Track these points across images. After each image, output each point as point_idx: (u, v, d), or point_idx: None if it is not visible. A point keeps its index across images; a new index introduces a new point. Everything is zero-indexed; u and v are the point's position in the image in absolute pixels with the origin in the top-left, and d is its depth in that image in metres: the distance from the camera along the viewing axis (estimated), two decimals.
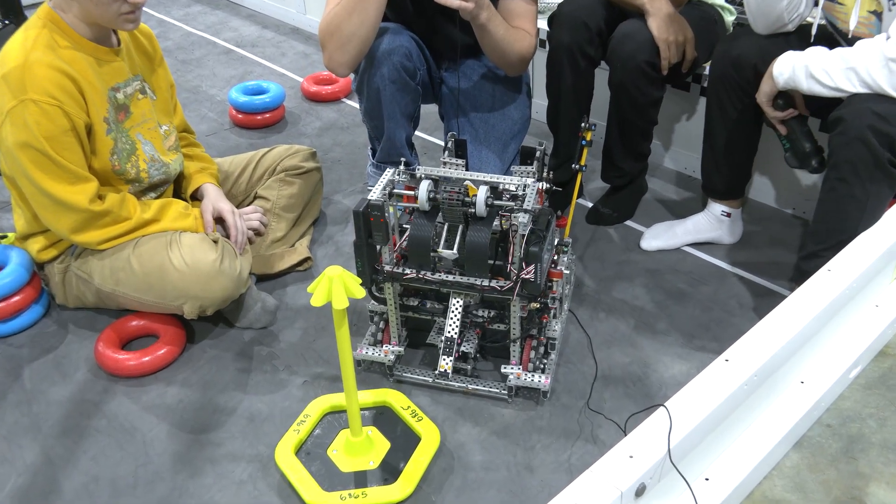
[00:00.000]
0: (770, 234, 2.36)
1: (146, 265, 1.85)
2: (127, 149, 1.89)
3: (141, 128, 1.93)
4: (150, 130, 1.96)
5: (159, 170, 1.97)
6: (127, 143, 1.89)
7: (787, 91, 1.85)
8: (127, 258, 1.86)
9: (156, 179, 1.97)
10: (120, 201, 1.86)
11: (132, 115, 1.90)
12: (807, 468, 1.52)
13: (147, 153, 1.93)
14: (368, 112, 2.21)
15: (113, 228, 1.86)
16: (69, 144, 1.75)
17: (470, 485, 1.60)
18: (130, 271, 1.86)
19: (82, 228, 1.83)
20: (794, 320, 1.47)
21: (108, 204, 1.83)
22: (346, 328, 1.42)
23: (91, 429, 1.75)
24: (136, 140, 1.91)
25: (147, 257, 1.85)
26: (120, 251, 1.88)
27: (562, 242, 1.85)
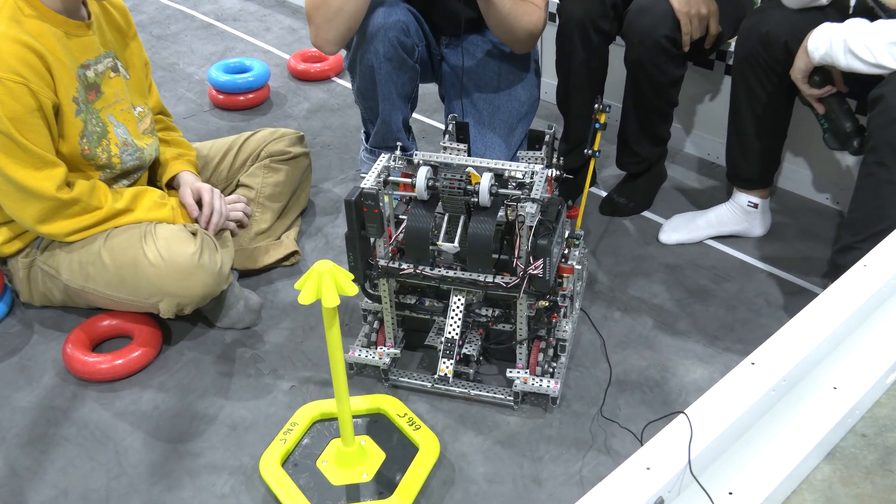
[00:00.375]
0: (801, 226, 2.36)
1: (118, 259, 1.85)
2: (98, 132, 1.89)
3: (113, 109, 1.93)
4: (124, 112, 1.96)
5: (133, 155, 1.97)
6: (98, 125, 1.89)
7: (824, 66, 1.85)
8: (97, 252, 1.87)
9: (129, 165, 1.97)
10: (90, 189, 1.86)
11: (103, 94, 1.91)
12: (839, 482, 1.52)
13: (120, 136, 1.94)
14: (362, 92, 2.21)
15: (82, 219, 1.86)
16: (35, 126, 1.75)
17: (472, 499, 1.60)
18: (101, 266, 1.86)
19: (49, 218, 1.83)
20: (826, 320, 1.47)
21: (76, 192, 1.83)
22: (337, 328, 1.42)
23: (59, 438, 1.76)
24: (108, 122, 1.91)
25: (119, 251, 1.85)
26: (90, 244, 1.88)
27: (573, 235, 1.85)
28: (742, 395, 1.31)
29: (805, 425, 1.53)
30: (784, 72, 1.95)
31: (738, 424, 1.29)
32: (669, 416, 1.31)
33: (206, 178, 2.24)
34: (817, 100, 1.92)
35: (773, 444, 1.49)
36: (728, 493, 1.40)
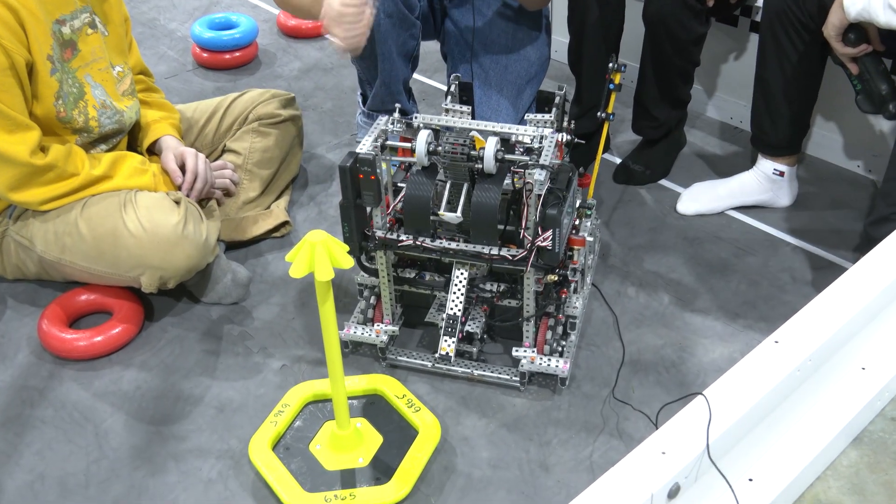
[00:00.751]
0: (831, 196, 2.35)
1: (97, 229, 1.85)
2: (74, 92, 1.88)
3: (90, 68, 1.92)
4: (101, 71, 1.96)
5: (111, 118, 1.97)
6: (74, 85, 1.88)
7: (860, 23, 1.84)
8: (74, 221, 1.87)
9: (107, 129, 1.97)
10: (66, 154, 1.86)
11: (80, 52, 1.90)
12: (866, 467, 1.53)
13: (97, 98, 1.93)
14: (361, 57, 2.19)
15: (57, 186, 1.86)
16: (7, 86, 1.75)
17: (475, 485, 1.62)
18: (78, 236, 1.87)
19: (21, 185, 1.83)
20: (856, 296, 1.47)
21: (51, 157, 1.83)
22: (332, 304, 1.43)
23: (35, 419, 1.77)
24: (85, 83, 1.91)
25: (98, 220, 1.86)
26: (66, 213, 1.88)
27: (584, 204, 1.85)
28: (765, 375, 1.32)
29: (831, 408, 1.54)
30: (817, 28, 1.94)
31: (759, 407, 1.30)
32: (687, 398, 1.31)
33: (189, 142, 2.24)
34: (851, 59, 1.91)
35: (797, 427, 1.50)
36: (748, 479, 1.41)
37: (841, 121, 2.41)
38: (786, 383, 1.34)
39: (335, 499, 1.55)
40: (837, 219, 2.27)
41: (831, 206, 2.32)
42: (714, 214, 2.29)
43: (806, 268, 2.11)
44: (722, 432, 1.24)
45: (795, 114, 2.17)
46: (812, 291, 2.03)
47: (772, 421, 1.40)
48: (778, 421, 1.43)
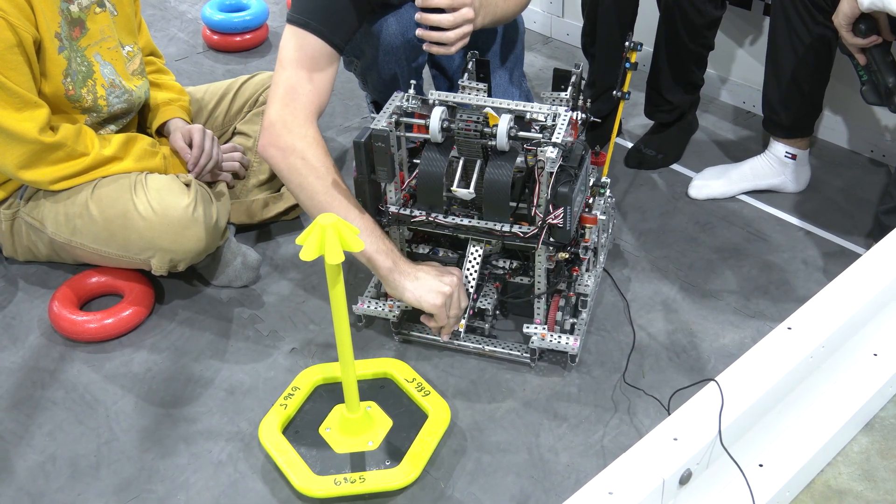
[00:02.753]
0: (844, 181, 2.34)
1: (107, 211, 1.85)
2: (83, 71, 1.88)
3: (99, 47, 1.92)
4: (111, 51, 1.95)
5: (120, 97, 1.96)
6: (83, 64, 1.88)
7: (871, 13, 1.82)
8: (84, 203, 1.87)
9: (116, 109, 1.96)
10: (75, 133, 1.86)
11: (89, 31, 1.89)
12: (878, 454, 1.52)
13: (106, 77, 1.93)
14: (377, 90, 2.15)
15: (67, 165, 1.86)
16: (15, 63, 1.74)
17: (485, 469, 1.62)
18: (89, 218, 1.87)
19: (31, 163, 1.83)
20: (869, 283, 1.46)
21: (61, 135, 1.83)
22: (342, 287, 1.43)
23: (46, 401, 1.78)
24: (94, 62, 1.90)
25: (108, 202, 1.85)
26: (76, 194, 1.88)
27: (598, 183, 1.84)
28: (777, 361, 1.32)
29: (843, 394, 1.53)
30: (829, 8, 1.92)
31: (772, 393, 1.30)
32: (698, 384, 1.31)
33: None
34: (859, 50, 1.89)
35: (808, 414, 1.50)
36: (759, 465, 1.41)
37: (854, 105, 2.38)
38: (798, 370, 1.34)
39: (345, 482, 1.55)
40: (850, 204, 2.26)
41: (844, 191, 2.30)
42: (726, 199, 2.27)
43: (818, 253, 2.10)
44: (734, 419, 1.24)
45: (807, 95, 2.15)
46: (824, 277, 2.01)
47: (783, 407, 1.39)
48: (789, 407, 1.42)
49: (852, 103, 2.38)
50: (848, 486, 1.47)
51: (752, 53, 2.56)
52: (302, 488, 1.55)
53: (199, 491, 1.59)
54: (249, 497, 1.58)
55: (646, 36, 2.33)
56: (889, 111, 1.93)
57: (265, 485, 1.60)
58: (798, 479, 1.43)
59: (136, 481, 1.61)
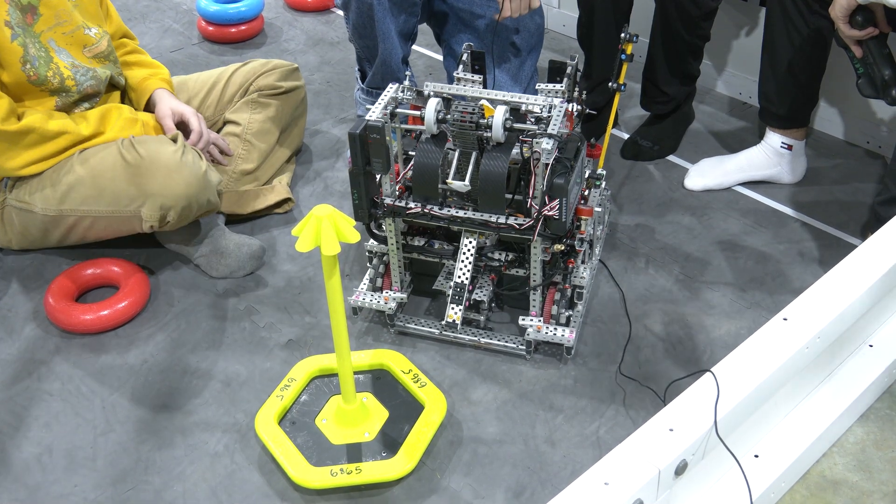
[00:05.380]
0: (840, 173, 2.34)
1: (95, 168, 1.87)
2: (42, 56, 1.88)
3: (54, 32, 1.91)
4: (67, 35, 1.94)
5: (86, 75, 1.96)
6: (41, 49, 1.88)
7: (868, 5, 1.81)
8: (71, 168, 1.88)
9: (86, 87, 1.96)
10: (44, 117, 1.87)
11: (42, 16, 1.89)
12: (872, 444, 1.53)
13: (65, 61, 1.92)
14: (357, 31, 2.17)
15: (42, 148, 1.87)
16: None
17: (481, 460, 1.62)
18: (77, 181, 1.87)
19: (2, 152, 1.84)
20: (864, 274, 1.46)
21: (26, 121, 1.84)
22: (338, 278, 1.42)
23: (42, 392, 1.77)
24: (49, 47, 1.90)
25: (96, 161, 1.87)
26: (62, 165, 1.89)
27: (594, 175, 1.84)
28: (773, 352, 1.32)
29: (838, 385, 1.54)
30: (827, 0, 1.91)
31: (768, 384, 1.30)
32: (694, 375, 1.31)
33: None
34: (856, 42, 1.89)
35: (804, 404, 1.50)
36: (754, 455, 1.41)
37: (850, 96, 2.38)
38: (794, 360, 1.34)
39: (341, 473, 1.55)
40: (846, 195, 2.25)
41: (840, 183, 2.30)
42: (722, 190, 2.27)
43: (814, 245, 2.10)
44: (730, 409, 1.24)
45: (803, 86, 2.15)
46: (820, 268, 2.01)
47: (779, 398, 1.40)
48: (785, 398, 1.43)
49: (849, 94, 2.38)
50: (843, 477, 1.47)
51: (749, 44, 2.56)
52: (298, 479, 1.55)
53: (195, 482, 1.59)
54: (246, 488, 1.58)
55: (642, 27, 2.33)
56: (885, 103, 1.93)
57: (262, 476, 1.60)
58: (793, 469, 1.43)
59: (132, 473, 1.61)
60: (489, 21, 2.18)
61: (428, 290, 1.91)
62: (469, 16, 2.20)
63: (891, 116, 2.34)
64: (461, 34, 2.22)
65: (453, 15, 2.22)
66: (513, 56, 2.23)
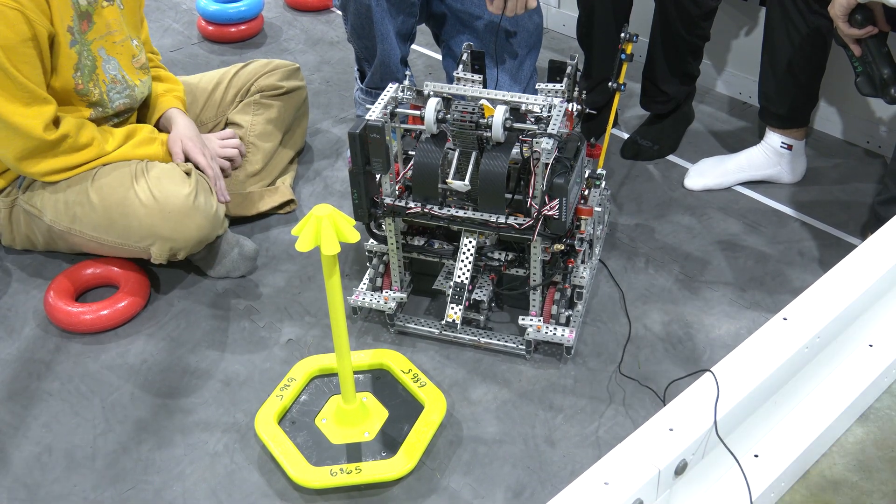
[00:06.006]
0: (839, 172, 2.33)
1: (107, 199, 1.85)
2: (88, 65, 1.88)
3: (105, 41, 1.91)
4: (116, 45, 1.94)
5: (121, 93, 1.96)
6: (89, 58, 1.88)
7: (867, 4, 1.81)
8: (85, 191, 1.87)
9: (118, 105, 1.96)
10: (77, 126, 1.86)
11: (95, 25, 1.89)
12: (873, 444, 1.53)
13: (108, 73, 1.92)
14: (356, 31, 2.17)
15: (69, 158, 1.86)
16: (28, 57, 1.74)
17: (480, 459, 1.62)
18: (89, 206, 1.86)
19: (32, 156, 1.83)
20: (864, 274, 1.46)
21: (63, 129, 1.83)
22: (338, 278, 1.42)
23: (42, 392, 1.77)
24: (98, 56, 1.90)
25: (108, 190, 1.85)
26: (77, 183, 1.88)
27: (594, 174, 1.84)
28: (772, 352, 1.32)
29: (838, 385, 1.54)
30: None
31: (767, 383, 1.30)
32: (694, 375, 1.31)
33: (195, 114, 2.22)
34: (855, 41, 1.88)
35: (804, 404, 1.50)
36: (754, 455, 1.41)
37: (850, 95, 2.38)
38: (794, 360, 1.34)
39: (341, 472, 1.55)
40: (846, 195, 2.25)
41: (839, 182, 2.30)
42: (722, 190, 2.27)
43: (814, 244, 2.10)
44: (729, 409, 1.24)
45: (803, 85, 2.15)
46: (819, 268, 2.01)
47: (779, 398, 1.40)
48: (785, 398, 1.43)
49: (848, 94, 2.38)
50: (843, 477, 1.47)
51: (748, 44, 2.56)
52: (298, 479, 1.55)
53: (195, 482, 1.59)
54: (245, 488, 1.58)
55: (641, 27, 2.32)
56: (884, 102, 1.93)
57: (261, 476, 1.60)
58: (793, 469, 1.43)
59: (132, 472, 1.61)
60: (488, 21, 2.18)
61: (428, 290, 1.91)
62: (467, 16, 2.20)
63: (890, 116, 2.34)
64: (460, 34, 2.22)
65: (452, 15, 2.22)
66: (512, 56, 2.23)
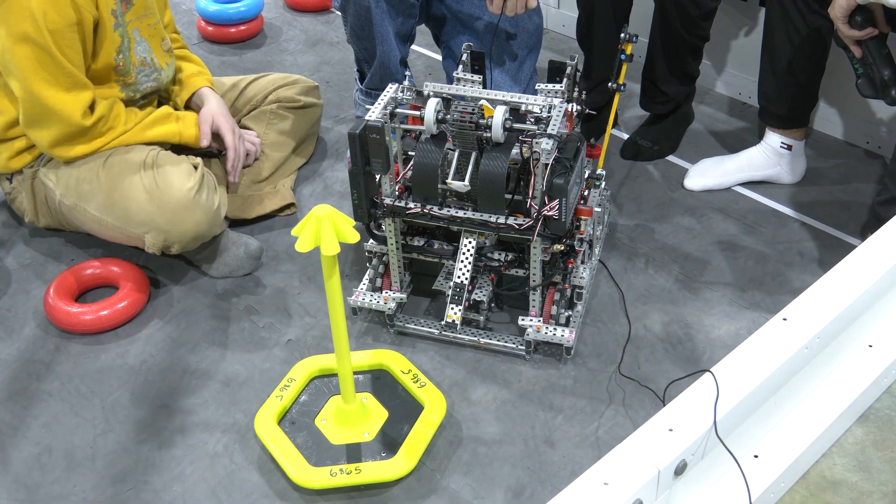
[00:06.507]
0: (839, 173, 2.33)
1: (114, 179, 1.87)
2: (126, 47, 1.90)
3: (140, 23, 1.94)
4: (150, 27, 1.97)
5: (149, 76, 1.98)
6: (127, 39, 1.90)
7: (867, 6, 1.81)
8: (96, 169, 1.89)
9: (146, 87, 1.98)
10: (109, 108, 1.89)
11: (133, 6, 1.91)
12: (872, 445, 1.53)
13: (138, 55, 1.95)
14: (356, 33, 2.17)
15: (97, 142, 1.89)
16: (72, 41, 1.76)
17: (480, 460, 1.62)
18: (97, 184, 1.88)
19: (65, 141, 1.86)
20: (864, 274, 1.46)
21: (97, 114, 1.86)
22: (337, 278, 1.42)
23: (42, 392, 1.77)
24: (132, 37, 1.92)
25: (117, 171, 1.87)
26: (91, 160, 1.90)
27: (593, 175, 1.84)
28: (772, 352, 1.32)
29: (838, 385, 1.54)
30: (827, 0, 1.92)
31: (767, 384, 1.30)
32: (694, 375, 1.31)
33: None
34: (855, 42, 1.88)
35: (803, 405, 1.50)
36: (754, 455, 1.41)
37: (850, 96, 2.38)
38: (793, 361, 1.34)
39: (341, 473, 1.55)
40: (845, 195, 2.25)
41: (839, 183, 2.30)
42: (722, 190, 2.27)
43: (813, 245, 2.10)
44: (729, 409, 1.24)
45: (803, 86, 2.15)
46: (819, 269, 2.01)
47: (779, 398, 1.40)
48: (785, 398, 1.43)
49: (848, 94, 2.38)
50: (843, 477, 1.47)
51: (748, 44, 2.56)
52: (298, 479, 1.55)
53: (195, 482, 1.59)
54: (245, 488, 1.58)
55: (641, 27, 2.33)
56: (885, 103, 1.93)
57: (261, 476, 1.60)
58: (793, 469, 1.43)
59: (131, 473, 1.61)
60: (488, 22, 2.18)
61: (427, 290, 1.91)
62: (467, 17, 2.20)
63: (890, 116, 2.34)
64: (460, 35, 2.22)
65: (451, 17, 2.22)
66: (512, 57, 2.23)
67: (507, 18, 2.09)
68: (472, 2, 2.17)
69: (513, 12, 2.00)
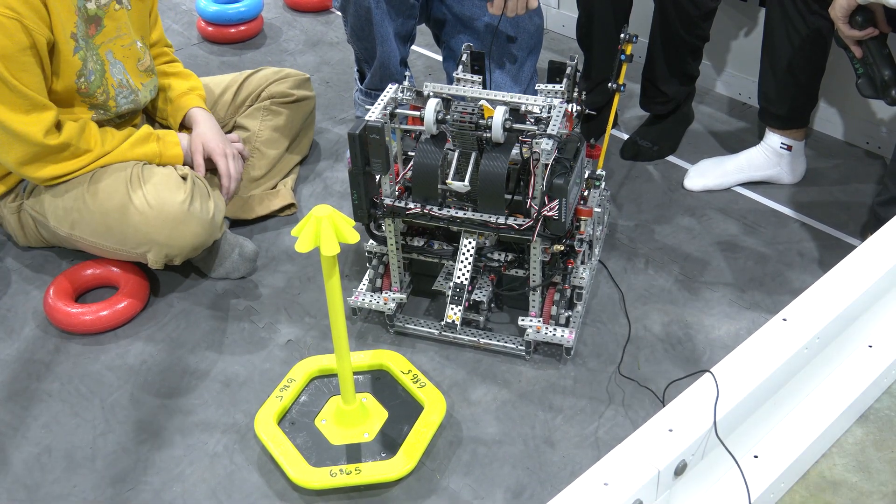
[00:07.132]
0: (839, 173, 2.33)
1: (104, 205, 1.85)
2: (98, 70, 1.88)
3: (113, 45, 1.91)
4: (124, 48, 1.95)
5: (127, 98, 1.97)
6: (97, 62, 1.88)
7: (868, 5, 1.81)
8: (82, 196, 1.87)
9: (123, 109, 1.97)
10: (79, 131, 1.86)
11: (104, 28, 1.89)
12: (872, 445, 1.53)
13: (115, 77, 1.93)
14: (356, 33, 2.17)
15: (70, 163, 1.86)
16: (27, 65, 1.74)
17: (480, 460, 1.62)
18: (87, 212, 1.86)
19: (32, 161, 1.83)
20: (864, 275, 1.46)
21: (65, 136, 1.83)
22: (337, 278, 1.42)
23: (42, 392, 1.77)
24: (105, 59, 1.90)
25: (105, 196, 1.85)
26: (75, 188, 1.88)
27: (593, 175, 1.84)
28: (772, 353, 1.32)
29: (838, 386, 1.54)
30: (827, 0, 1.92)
31: (767, 384, 1.30)
32: (694, 375, 1.31)
33: None
34: (855, 42, 1.89)
35: (804, 405, 1.50)
36: (753, 456, 1.41)
37: (850, 96, 2.38)
38: (793, 361, 1.34)
39: (340, 473, 1.55)
40: (845, 196, 2.25)
41: (839, 183, 2.30)
42: (722, 190, 2.27)
43: (813, 245, 2.10)
44: (729, 410, 1.24)
45: (803, 86, 2.15)
46: (819, 269, 2.01)
47: (778, 398, 1.40)
48: (784, 398, 1.43)
49: (848, 95, 2.38)
50: (842, 478, 1.47)
51: (748, 44, 2.56)
52: (298, 480, 1.55)
53: (194, 483, 1.59)
54: (245, 489, 1.58)
55: (641, 27, 2.33)
56: (885, 104, 1.93)
57: (261, 476, 1.60)
58: (793, 470, 1.43)
59: (131, 473, 1.61)
60: (488, 22, 2.18)
61: (427, 291, 1.91)
62: (468, 18, 2.20)
63: (890, 117, 2.34)
64: (460, 35, 2.22)
65: (452, 17, 2.22)
66: (512, 58, 2.23)
67: (507, 19, 2.09)
68: (473, 3, 2.18)
69: (513, 13, 2.01)
